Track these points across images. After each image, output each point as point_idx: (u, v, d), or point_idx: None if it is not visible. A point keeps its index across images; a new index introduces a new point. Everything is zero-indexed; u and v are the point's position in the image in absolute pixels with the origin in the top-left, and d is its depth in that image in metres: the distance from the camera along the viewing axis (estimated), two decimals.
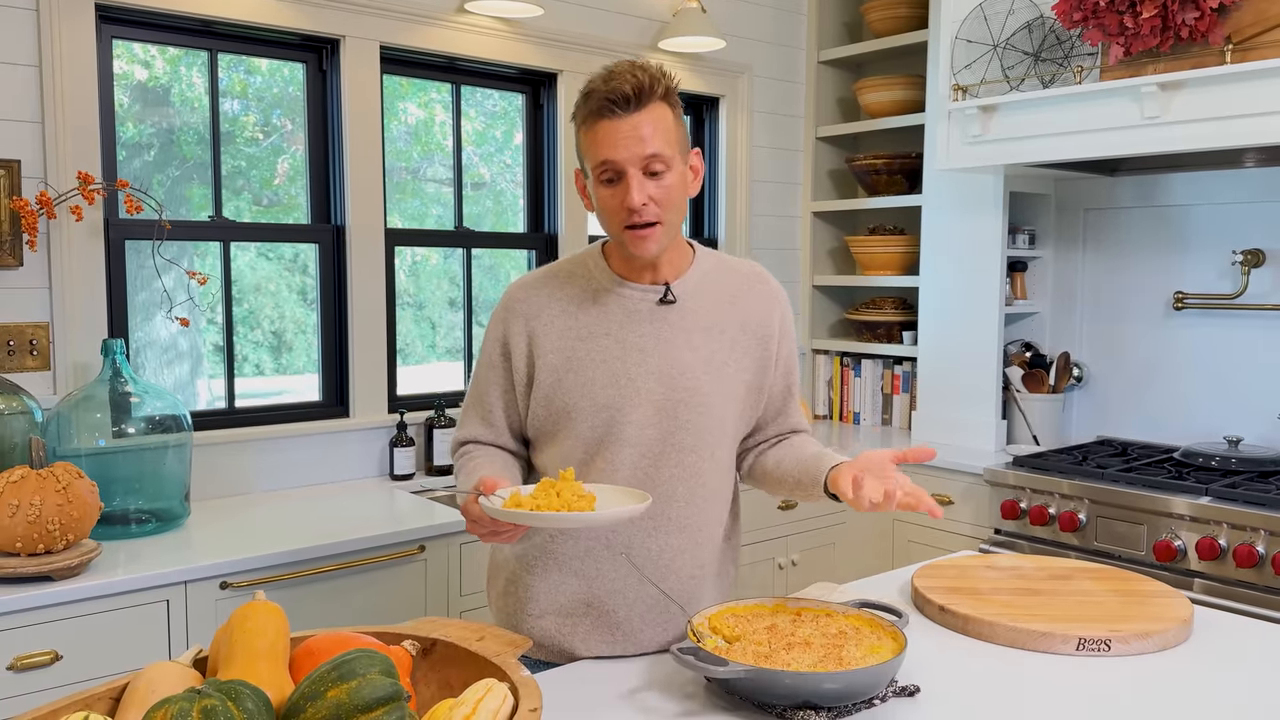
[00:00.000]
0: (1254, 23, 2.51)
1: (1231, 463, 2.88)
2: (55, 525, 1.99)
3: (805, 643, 1.41)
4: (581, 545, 1.60)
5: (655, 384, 1.56)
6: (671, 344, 1.58)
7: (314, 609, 2.28)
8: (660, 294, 1.59)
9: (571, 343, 1.58)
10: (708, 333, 1.61)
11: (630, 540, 1.59)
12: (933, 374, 3.62)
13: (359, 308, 2.96)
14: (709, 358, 1.59)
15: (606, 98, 1.48)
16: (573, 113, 1.56)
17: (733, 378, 1.62)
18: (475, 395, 1.69)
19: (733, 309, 1.64)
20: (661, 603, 1.61)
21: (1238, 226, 3.17)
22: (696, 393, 1.58)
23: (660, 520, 1.59)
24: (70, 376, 2.48)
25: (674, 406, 1.57)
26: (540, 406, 1.60)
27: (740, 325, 1.64)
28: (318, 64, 2.93)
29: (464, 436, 1.69)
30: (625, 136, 1.47)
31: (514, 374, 1.62)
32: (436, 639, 1.18)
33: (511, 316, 1.62)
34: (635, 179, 1.48)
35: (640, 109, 1.48)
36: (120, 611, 2.03)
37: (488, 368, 1.66)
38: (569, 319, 1.59)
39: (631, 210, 1.48)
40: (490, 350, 1.66)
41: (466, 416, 1.70)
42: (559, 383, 1.58)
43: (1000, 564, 1.94)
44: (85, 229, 2.48)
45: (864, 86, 3.96)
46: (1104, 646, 1.56)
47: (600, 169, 1.50)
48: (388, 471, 3.01)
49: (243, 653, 1.06)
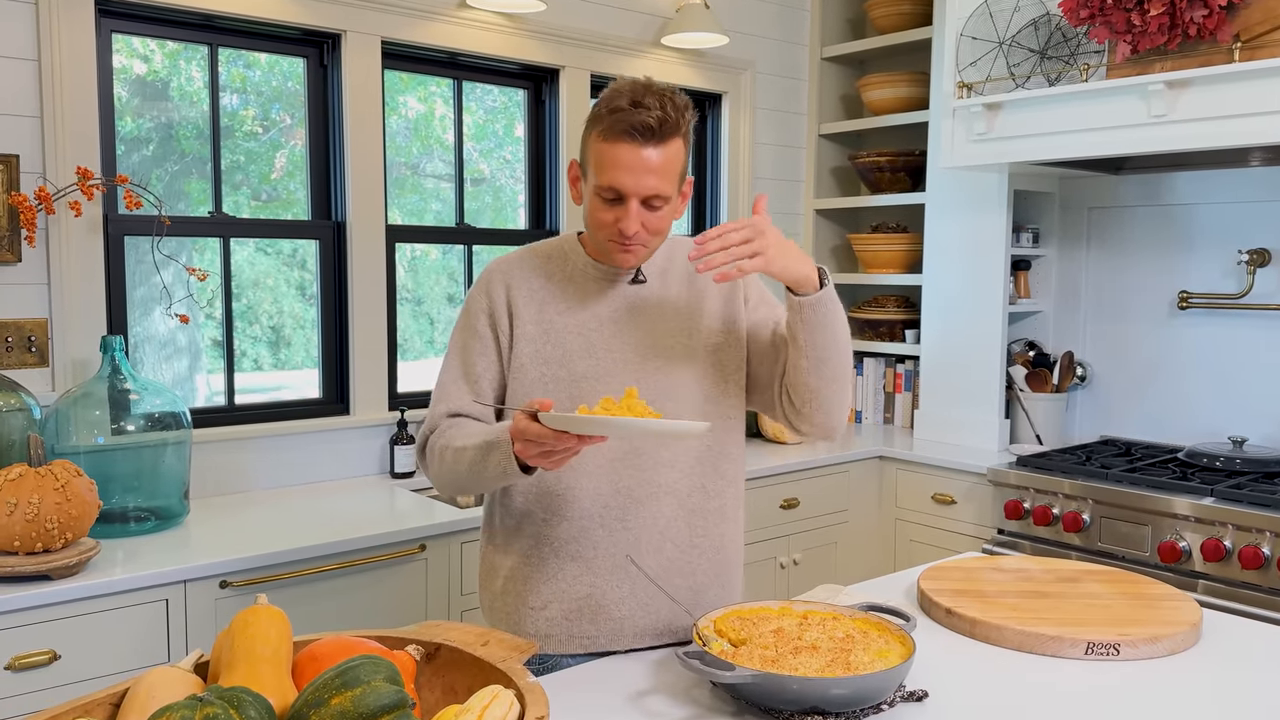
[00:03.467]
0: (1262, 20, 2.49)
1: (1236, 463, 2.86)
2: (53, 524, 1.97)
3: (812, 647, 1.40)
4: (577, 525, 1.61)
5: (632, 354, 1.63)
6: (644, 315, 1.65)
7: (314, 608, 2.26)
8: (631, 275, 1.67)
9: (550, 316, 1.64)
10: (675, 304, 1.68)
11: (625, 511, 1.61)
12: (936, 373, 3.61)
13: (359, 305, 2.94)
14: (681, 326, 1.66)
15: (632, 126, 1.50)
16: (594, 113, 1.57)
17: (709, 338, 1.67)
18: (459, 370, 1.67)
19: (695, 279, 1.70)
20: (660, 592, 1.62)
21: (1243, 226, 3.16)
22: (671, 360, 1.64)
23: (651, 488, 1.62)
24: (69, 373, 2.46)
25: (652, 375, 1.63)
26: (516, 378, 1.63)
27: (702, 291, 1.70)
28: (319, 59, 2.91)
29: (453, 409, 1.65)
30: (638, 168, 1.51)
31: (499, 343, 1.66)
32: (440, 644, 1.17)
33: (493, 287, 1.67)
34: (634, 209, 1.53)
35: (660, 143, 1.51)
36: (119, 611, 2.02)
37: (473, 338, 1.66)
38: (546, 293, 1.65)
39: (624, 235, 1.55)
40: (474, 322, 1.67)
41: (449, 392, 1.66)
42: (536, 353, 1.63)
43: (1007, 566, 1.92)
44: (84, 225, 2.46)
45: (868, 83, 3.94)
46: (1113, 650, 1.55)
47: (605, 189, 1.54)
48: (388, 469, 2.99)
49: (245, 658, 1.04)
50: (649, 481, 1.62)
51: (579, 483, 1.61)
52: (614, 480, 1.61)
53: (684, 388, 1.65)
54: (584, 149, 1.59)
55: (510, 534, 1.67)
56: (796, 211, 4.10)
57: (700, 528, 1.66)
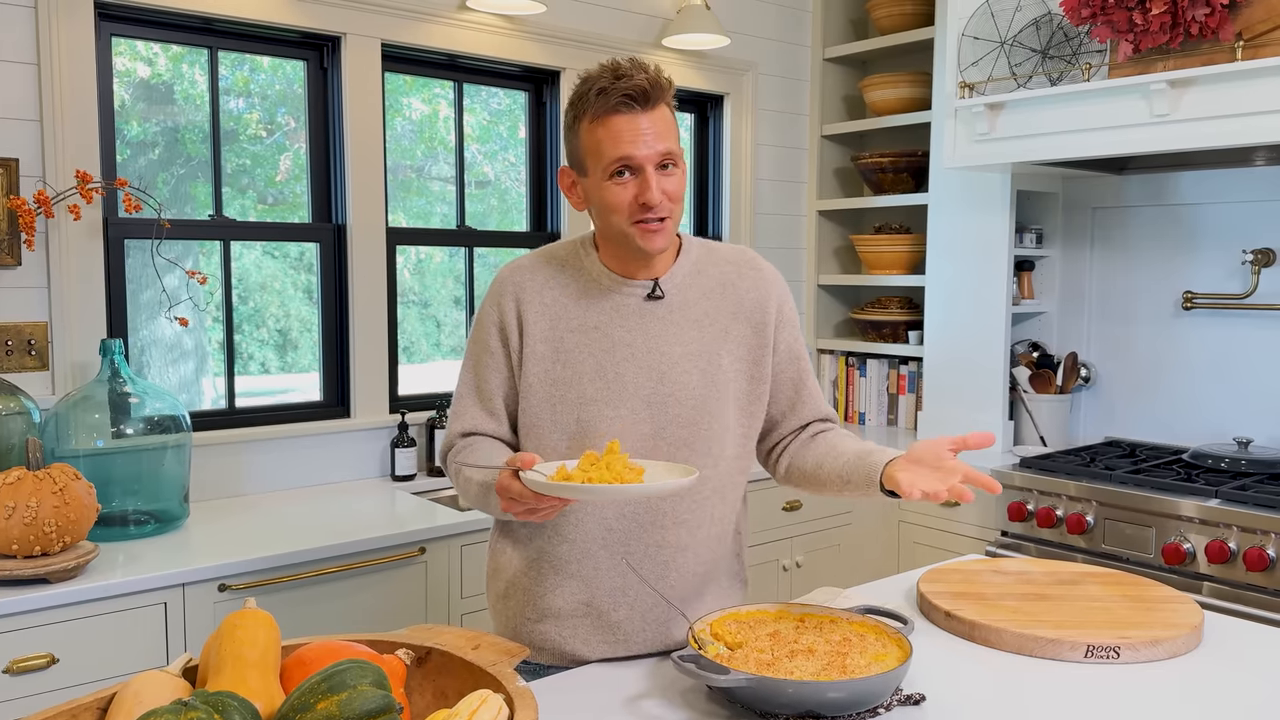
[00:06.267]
0: (1265, 19, 2.47)
1: (1241, 464, 2.84)
2: (52, 527, 1.97)
3: (809, 650, 1.39)
4: (579, 548, 1.58)
5: (644, 379, 1.56)
6: (660, 339, 1.58)
7: (313, 611, 2.26)
8: (649, 290, 1.59)
9: (561, 334, 1.58)
10: (698, 325, 1.60)
11: (628, 535, 1.57)
12: (939, 374, 3.59)
13: (360, 307, 2.94)
14: (699, 352, 1.59)
15: (625, 94, 1.47)
16: (574, 107, 1.53)
17: (727, 369, 1.60)
18: (473, 384, 1.65)
19: (723, 298, 1.63)
20: (662, 603, 1.59)
21: (1248, 225, 3.14)
22: (686, 387, 1.57)
23: (657, 515, 1.58)
24: (69, 377, 2.46)
25: (664, 401, 1.56)
26: (525, 396, 1.59)
27: (732, 314, 1.62)
28: (319, 62, 2.91)
29: (467, 428, 1.64)
30: (644, 133, 1.48)
31: (510, 358, 1.61)
32: (431, 648, 1.16)
33: (504, 300, 1.61)
34: (651, 176, 1.49)
35: (653, 107, 1.49)
36: (117, 614, 2.01)
37: (485, 354, 1.63)
38: (559, 309, 1.59)
39: (649, 206, 1.49)
40: (486, 336, 1.63)
41: (463, 408, 1.65)
42: (546, 373, 1.58)
43: (1007, 568, 1.91)
44: (84, 228, 2.47)
45: (870, 84, 3.93)
46: (1113, 654, 1.54)
47: (616, 164, 1.49)
48: (389, 472, 2.99)
49: (232, 662, 1.03)
50: (654, 509, 1.58)
51: (583, 506, 1.57)
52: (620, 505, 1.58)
53: (702, 414, 1.58)
54: (574, 146, 1.55)
55: (518, 540, 1.65)
56: (799, 213, 4.08)
57: (707, 552, 1.63)
